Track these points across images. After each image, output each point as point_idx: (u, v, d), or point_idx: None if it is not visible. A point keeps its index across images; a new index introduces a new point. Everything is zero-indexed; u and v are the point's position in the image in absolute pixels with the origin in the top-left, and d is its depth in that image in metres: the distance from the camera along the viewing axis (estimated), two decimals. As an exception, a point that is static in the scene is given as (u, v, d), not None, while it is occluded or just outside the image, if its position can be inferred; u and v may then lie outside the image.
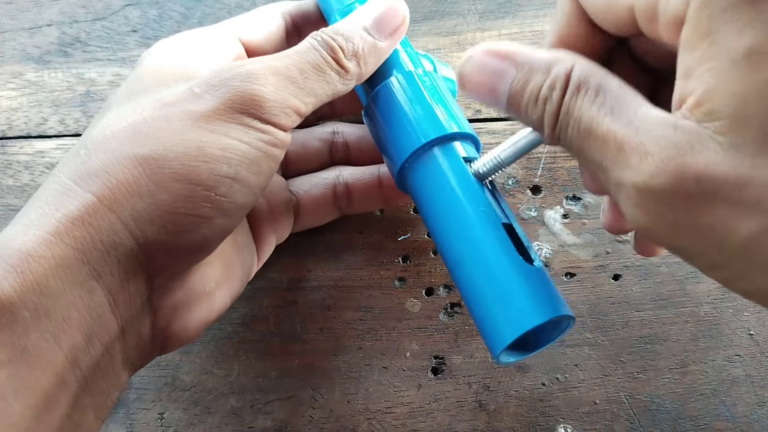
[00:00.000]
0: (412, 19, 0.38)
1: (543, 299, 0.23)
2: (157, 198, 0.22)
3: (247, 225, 0.29)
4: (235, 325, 0.32)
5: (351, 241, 0.33)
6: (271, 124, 0.24)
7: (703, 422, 0.29)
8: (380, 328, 0.31)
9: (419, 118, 0.27)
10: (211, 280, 0.26)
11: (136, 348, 0.24)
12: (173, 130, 0.22)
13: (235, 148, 0.23)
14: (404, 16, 0.28)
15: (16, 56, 0.39)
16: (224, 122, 0.23)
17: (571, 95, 0.19)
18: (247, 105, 0.23)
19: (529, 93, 0.20)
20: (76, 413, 0.21)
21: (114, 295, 0.22)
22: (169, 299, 0.24)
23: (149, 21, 0.40)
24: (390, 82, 0.28)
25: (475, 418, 0.29)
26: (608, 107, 0.19)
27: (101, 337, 0.21)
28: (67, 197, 0.21)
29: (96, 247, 0.21)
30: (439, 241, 0.26)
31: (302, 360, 0.31)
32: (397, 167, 0.27)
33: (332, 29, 0.26)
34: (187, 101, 0.23)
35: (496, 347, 0.23)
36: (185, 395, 0.31)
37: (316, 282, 0.32)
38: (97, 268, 0.21)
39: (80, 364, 0.21)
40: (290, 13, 0.31)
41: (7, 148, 0.37)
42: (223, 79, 0.24)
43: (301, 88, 0.25)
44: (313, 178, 0.32)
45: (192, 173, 0.22)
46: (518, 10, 0.37)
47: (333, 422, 0.30)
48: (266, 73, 0.24)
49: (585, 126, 0.19)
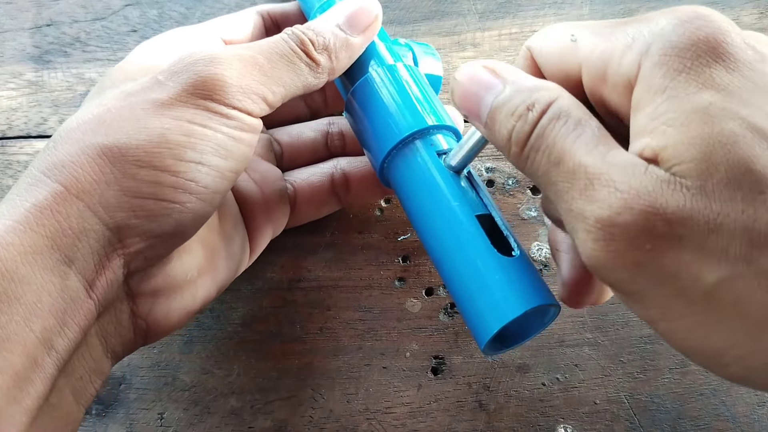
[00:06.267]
0: (412, 19, 0.38)
1: (520, 290, 0.22)
2: (123, 185, 0.22)
3: (238, 215, 0.29)
4: (235, 325, 0.32)
5: (351, 241, 0.33)
6: (236, 109, 0.24)
7: (703, 422, 0.29)
8: (380, 328, 0.31)
9: (395, 115, 0.27)
10: (193, 268, 0.26)
11: (116, 335, 0.24)
12: (136, 118, 0.23)
13: (199, 133, 0.23)
14: (376, 15, 0.28)
15: (16, 56, 0.39)
16: (187, 108, 0.23)
17: (549, 120, 0.19)
18: (210, 89, 0.23)
19: (507, 108, 0.20)
20: (54, 395, 0.21)
21: (89, 280, 0.22)
22: (149, 285, 0.24)
23: (149, 21, 0.40)
24: (367, 78, 0.28)
25: (475, 418, 0.29)
26: (583, 141, 0.19)
27: (77, 320, 0.21)
28: (36, 188, 0.22)
29: (66, 234, 0.21)
30: (421, 238, 0.26)
31: (302, 360, 0.31)
32: (379, 163, 0.27)
33: (305, 25, 0.27)
34: (150, 89, 0.24)
35: (480, 342, 0.23)
36: (185, 395, 0.31)
37: (316, 282, 0.32)
38: (69, 254, 0.21)
39: (55, 346, 0.21)
40: (271, 14, 0.32)
41: (7, 148, 0.37)
42: (185, 65, 0.24)
43: (269, 76, 0.25)
44: (310, 168, 0.32)
45: (156, 159, 0.22)
46: (518, 10, 0.37)
47: (333, 422, 0.30)
48: (230, 58, 0.24)
49: (557, 153, 0.19)
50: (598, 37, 0.21)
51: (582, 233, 0.18)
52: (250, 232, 0.29)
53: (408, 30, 0.37)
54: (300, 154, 0.32)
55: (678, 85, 0.18)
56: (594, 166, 0.18)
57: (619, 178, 0.17)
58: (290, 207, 0.31)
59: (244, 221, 0.29)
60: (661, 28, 0.19)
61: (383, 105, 0.27)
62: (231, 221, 0.28)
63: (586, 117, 0.19)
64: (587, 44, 0.21)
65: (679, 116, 0.17)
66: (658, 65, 0.18)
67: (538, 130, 0.19)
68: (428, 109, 0.27)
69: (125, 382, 0.31)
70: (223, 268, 0.28)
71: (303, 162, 0.32)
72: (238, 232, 0.29)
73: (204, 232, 0.27)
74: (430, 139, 0.26)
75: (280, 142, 0.32)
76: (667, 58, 0.18)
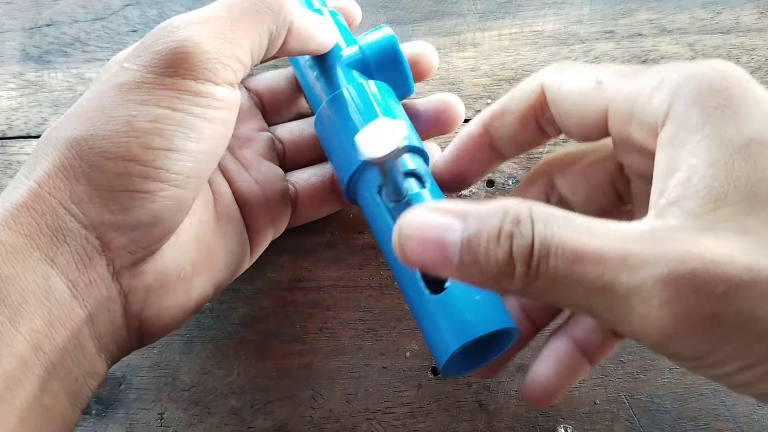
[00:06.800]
0: (412, 19, 0.38)
1: (456, 325, 0.22)
2: (92, 179, 0.22)
3: (238, 214, 0.29)
4: (235, 325, 0.32)
5: (351, 241, 0.33)
6: (209, 82, 0.23)
7: (703, 422, 0.29)
8: (380, 328, 0.31)
9: (347, 148, 0.26)
10: (187, 265, 0.26)
11: (110, 335, 0.23)
12: (103, 108, 0.22)
13: (166, 117, 0.22)
14: None
15: (15, 56, 0.39)
16: (154, 90, 0.22)
17: (544, 225, 0.17)
18: (176, 66, 0.23)
19: (488, 234, 0.18)
20: (46, 397, 0.21)
21: (72, 281, 0.22)
22: (140, 283, 0.24)
23: (149, 21, 0.40)
24: (334, 98, 0.28)
25: (475, 418, 0.29)
26: (588, 231, 0.17)
27: (64, 322, 0.21)
28: (15, 188, 0.22)
29: (43, 232, 0.21)
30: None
31: (302, 360, 0.31)
32: (344, 188, 0.27)
33: None
34: (116, 76, 0.23)
35: (443, 372, 0.24)
36: (185, 395, 0.31)
37: (316, 282, 0.32)
38: (49, 254, 0.21)
39: (43, 348, 0.21)
40: None
41: (7, 148, 0.37)
42: (146, 46, 0.23)
43: (233, 29, 0.24)
44: (311, 169, 0.32)
45: (123, 150, 0.22)
46: (518, 10, 0.37)
47: (333, 422, 0.30)
48: (190, 24, 0.23)
49: (573, 249, 0.17)
50: (623, 79, 0.21)
51: (641, 307, 0.16)
52: (251, 233, 0.29)
53: (408, 30, 0.37)
54: (302, 151, 0.32)
55: (716, 121, 0.18)
56: (616, 243, 0.17)
57: (650, 240, 0.17)
58: (291, 207, 0.31)
59: (246, 221, 0.29)
60: (691, 72, 0.19)
61: (338, 138, 0.27)
62: (230, 220, 0.28)
63: (566, 212, 0.18)
64: (613, 85, 0.21)
65: (719, 153, 0.17)
66: (692, 104, 0.18)
67: (538, 237, 0.17)
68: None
69: (125, 382, 0.31)
70: (221, 266, 0.27)
71: (305, 159, 0.32)
72: (237, 231, 0.28)
73: (200, 230, 0.26)
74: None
75: (282, 141, 0.32)
76: (702, 97, 0.18)
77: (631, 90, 0.21)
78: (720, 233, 0.16)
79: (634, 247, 0.17)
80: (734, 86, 0.18)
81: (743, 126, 0.18)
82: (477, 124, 0.26)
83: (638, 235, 0.17)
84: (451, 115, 0.30)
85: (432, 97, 0.31)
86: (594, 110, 0.22)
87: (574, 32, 0.36)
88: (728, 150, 0.17)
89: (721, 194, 0.17)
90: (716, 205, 0.17)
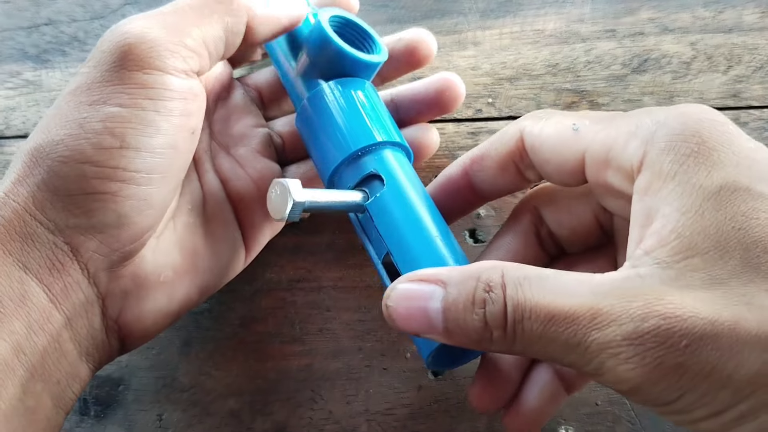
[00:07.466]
0: (412, 17, 0.37)
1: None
2: (51, 184, 0.22)
3: (229, 215, 0.28)
4: (234, 326, 0.32)
5: (351, 241, 0.33)
6: (157, 70, 0.23)
7: (706, 424, 0.28)
8: (380, 329, 0.31)
9: (325, 150, 0.27)
10: (167, 268, 0.25)
11: (90, 338, 0.23)
12: (59, 115, 0.23)
13: (115, 115, 0.22)
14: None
15: (13, 55, 0.39)
16: (103, 89, 0.23)
17: (514, 289, 0.19)
18: (121, 59, 0.23)
19: (464, 300, 0.19)
20: (29, 398, 0.21)
21: (47, 285, 0.22)
22: (117, 287, 0.24)
23: (148, 20, 0.40)
24: (310, 98, 0.28)
25: (476, 420, 0.29)
26: (559, 289, 0.18)
27: (43, 326, 0.21)
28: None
29: (13, 238, 0.21)
30: None
31: (301, 361, 0.31)
32: (326, 185, 0.28)
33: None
34: (70, 84, 0.24)
35: (426, 363, 0.25)
36: (184, 396, 0.31)
37: (315, 282, 0.32)
38: (21, 259, 0.21)
39: (24, 350, 0.21)
40: None
41: (4, 148, 0.37)
42: (96, 48, 0.24)
43: (179, 20, 0.24)
44: (309, 162, 0.31)
45: (76, 153, 0.22)
46: (519, 9, 0.37)
47: (333, 424, 0.30)
48: (134, 20, 0.23)
49: (546, 311, 0.18)
50: (599, 125, 0.22)
51: (610, 361, 0.17)
52: (247, 232, 0.29)
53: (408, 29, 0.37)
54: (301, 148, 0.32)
55: (687, 169, 0.18)
56: (588, 300, 0.18)
57: (620, 294, 0.17)
58: None
59: (241, 220, 0.29)
60: (664, 117, 0.20)
61: (319, 137, 0.27)
62: (219, 221, 0.28)
63: (538, 270, 0.19)
64: (589, 132, 0.22)
65: (690, 202, 0.18)
66: (665, 151, 0.19)
67: (510, 303, 0.18)
68: (359, 133, 0.26)
69: (124, 384, 0.31)
70: (206, 269, 0.27)
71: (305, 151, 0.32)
72: (227, 232, 0.28)
73: (184, 233, 0.26)
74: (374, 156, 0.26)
75: (281, 134, 0.32)
76: (674, 144, 0.19)
77: (607, 136, 0.21)
78: (689, 282, 0.17)
79: (603, 302, 0.17)
80: (706, 130, 0.19)
81: (714, 172, 0.18)
82: (457, 167, 0.27)
83: (608, 290, 0.18)
84: (453, 93, 0.30)
85: (433, 77, 0.31)
86: (571, 156, 0.22)
87: (576, 31, 0.36)
88: (699, 199, 0.18)
89: (692, 243, 0.17)
90: (686, 254, 0.17)
